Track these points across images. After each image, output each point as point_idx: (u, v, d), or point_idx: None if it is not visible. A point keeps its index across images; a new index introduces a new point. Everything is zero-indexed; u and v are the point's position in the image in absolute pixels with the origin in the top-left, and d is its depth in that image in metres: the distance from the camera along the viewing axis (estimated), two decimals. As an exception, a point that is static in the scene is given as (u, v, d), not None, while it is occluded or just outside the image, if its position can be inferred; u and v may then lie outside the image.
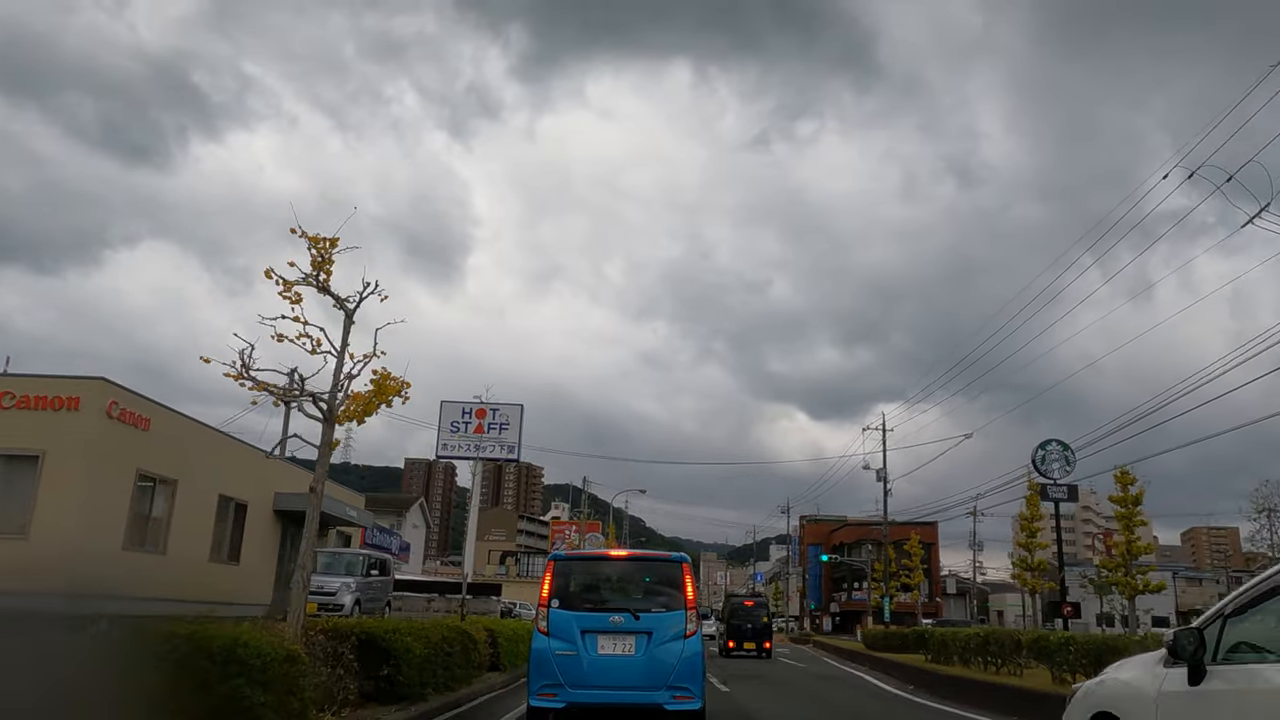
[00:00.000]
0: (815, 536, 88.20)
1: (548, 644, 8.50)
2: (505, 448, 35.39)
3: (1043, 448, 37.27)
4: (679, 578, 8.92)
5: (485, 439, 35.79)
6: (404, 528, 46.58)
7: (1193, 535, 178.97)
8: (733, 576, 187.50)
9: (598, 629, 8.49)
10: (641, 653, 8.41)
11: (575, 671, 8.34)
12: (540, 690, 8.44)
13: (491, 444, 35.96)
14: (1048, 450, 37.21)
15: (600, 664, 8.36)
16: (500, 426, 35.33)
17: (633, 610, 8.65)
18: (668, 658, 8.42)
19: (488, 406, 35.73)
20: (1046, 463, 37.09)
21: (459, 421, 35.43)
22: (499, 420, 35.42)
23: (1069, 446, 37.51)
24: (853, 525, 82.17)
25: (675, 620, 8.59)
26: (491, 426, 35.53)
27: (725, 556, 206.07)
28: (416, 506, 48.97)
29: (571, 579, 9.12)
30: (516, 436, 35.14)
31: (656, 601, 8.83)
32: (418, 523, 48.59)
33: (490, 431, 35.59)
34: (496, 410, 35.50)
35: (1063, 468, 36.53)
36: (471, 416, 35.49)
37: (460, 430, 35.60)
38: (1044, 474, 36.70)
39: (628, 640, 8.44)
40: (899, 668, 22.70)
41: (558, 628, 8.55)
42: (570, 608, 8.70)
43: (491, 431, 35.57)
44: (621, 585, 9.28)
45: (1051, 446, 37.42)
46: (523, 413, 35.38)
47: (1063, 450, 37.30)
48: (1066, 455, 37.30)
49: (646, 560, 9.82)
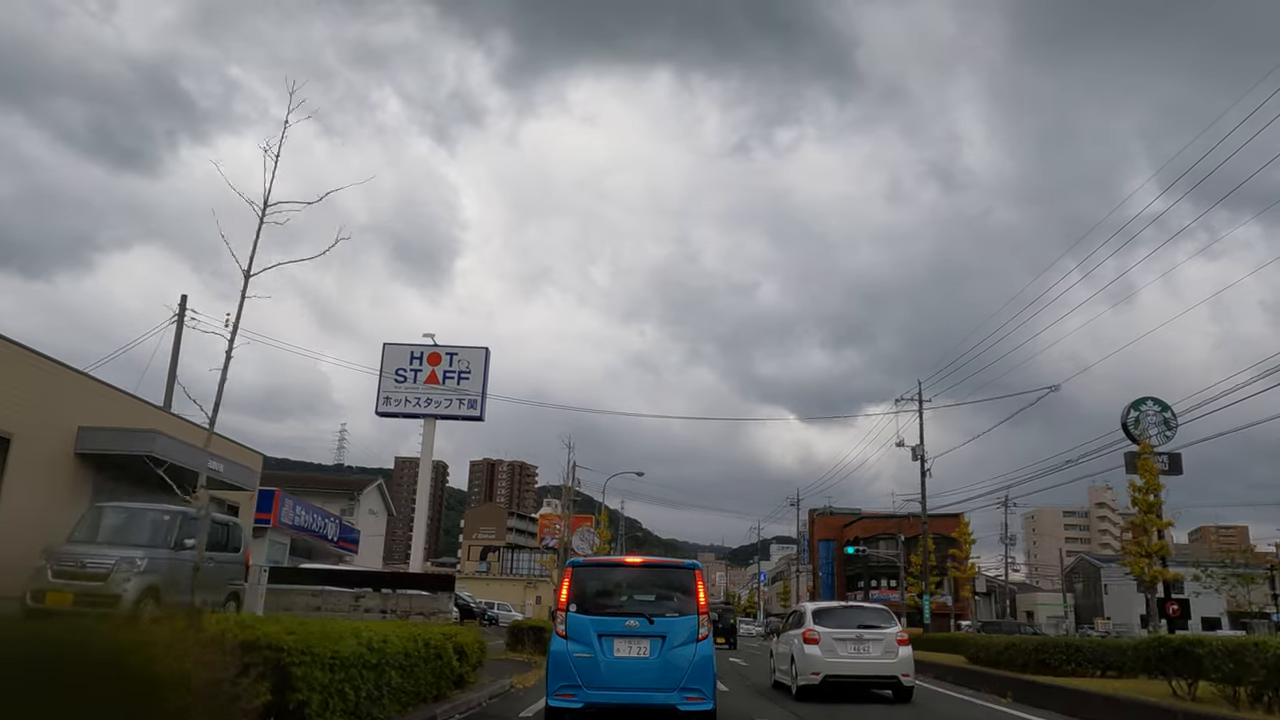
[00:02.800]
0: (827, 531, 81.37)
1: (566, 647, 8.73)
2: (466, 402, 28.39)
3: (1136, 407, 30.33)
4: (691, 584, 9.15)
5: (440, 392, 28.78)
6: (358, 514, 39.49)
7: (1201, 534, 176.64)
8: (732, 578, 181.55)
9: (614, 632, 8.77)
10: (655, 655, 8.67)
11: (592, 673, 8.60)
12: (559, 691, 8.64)
13: (448, 397, 28.94)
14: (1142, 411, 30.25)
15: (616, 666, 8.63)
16: (459, 375, 28.34)
17: (647, 615, 8.91)
18: (680, 660, 8.65)
19: (443, 350, 28.64)
20: (1140, 425, 30.10)
21: (406, 369, 28.42)
22: (457, 367, 28.42)
23: (1168, 406, 30.51)
24: (870, 518, 75.36)
25: (688, 624, 8.84)
26: (448, 375, 28.54)
27: (723, 558, 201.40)
28: (374, 489, 41.90)
29: (588, 584, 9.29)
30: (480, 388, 28.10)
31: (670, 607, 9.06)
32: (376, 508, 41.47)
33: (447, 381, 28.58)
34: (454, 355, 28.45)
35: (1161, 432, 29.54)
36: (423, 363, 28.51)
37: (408, 380, 28.61)
38: (1136, 439, 29.74)
39: (642, 643, 8.72)
40: (978, 676, 18.04)
41: (576, 631, 8.79)
42: (587, 612, 8.93)
43: (448, 381, 28.57)
44: (636, 591, 9.44)
45: (1147, 406, 30.40)
46: (488, 359, 28.46)
47: (1160, 410, 30.32)
48: (1166, 417, 30.28)
49: (660, 567, 10.10)
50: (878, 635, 13.91)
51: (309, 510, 28.40)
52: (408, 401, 26.11)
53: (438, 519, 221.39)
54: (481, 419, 26.16)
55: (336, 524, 31.91)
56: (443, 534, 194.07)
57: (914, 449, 43.74)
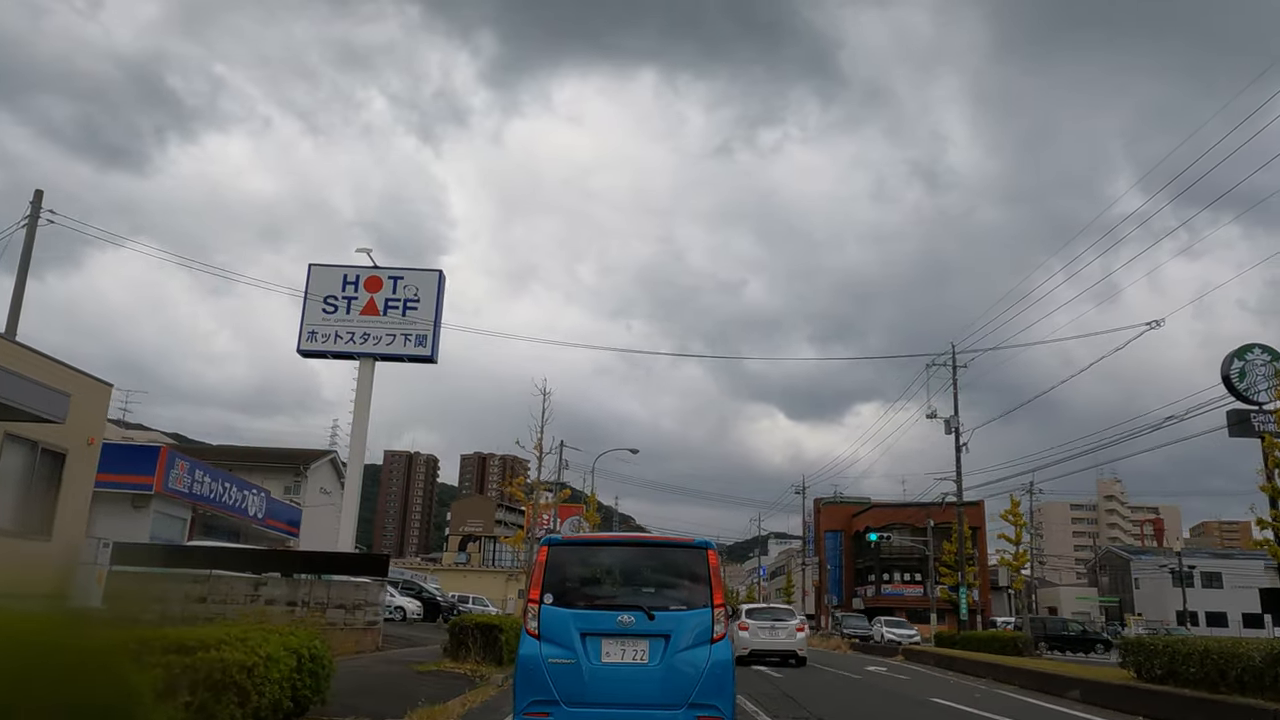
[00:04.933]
0: (834, 522, 76.08)
1: (539, 650, 6.73)
2: (413, 338, 22.80)
3: (1240, 356, 24.85)
4: (703, 568, 7.17)
5: (380, 325, 23.24)
6: (305, 492, 33.95)
7: (1204, 530, 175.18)
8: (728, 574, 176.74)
9: (602, 631, 6.81)
10: (657, 661, 6.74)
11: (573, 684, 6.64)
12: (529, 709, 6.66)
13: (390, 332, 23.36)
14: (1248, 360, 24.81)
15: (605, 675, 6.68)
16: (405, 304, 22.90)
17: (646, 608, 6.91)
18: (689, 668, 6.72)
19: (384, 274, 23.13)
20: (1246, 377, 24.72)
21: (338, 297, 22.86)
22: (403, 295, 22.82)
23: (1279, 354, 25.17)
24: (880, 507, 70.11)
25: (699, 620, 6.88)
26: (391, 305, 22.95)
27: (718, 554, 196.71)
28: (326, 464, 36.37)
29: (569, 569, 7.22)
30: (432, 320, 22.68)
31: (675, 597, 7.12)
32: (330, 487, 35.94)
33: (389, 312, 23.02)
34: (399, 280, 22.80)
35: (1272, 385, 24.23)
36: (358, 289, 22.88)
37: (339, 310, 23.13)
38: (1243, 394, 24.35)
39: (639, 645, 6.80)
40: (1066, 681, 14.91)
41: (551, 629, 6.80)
42: (568, 604, 6.93)
43: (391, 312, 22.97)
44: (631, 577, 7.35)
45: (1255, 354, 24.97)
46: (442, 285, 23.02)
47: (1271, 359, 24.94)
48: (1278, 366, 24.93)
49: (662, 546, 7.96)
50: (785, 625, 21.79)
51: (218, 478, 22.77)
52: (338, 337, 20.58)
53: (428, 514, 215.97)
54: (433, 359, 20.63)
55: (262, 499, 26.20)
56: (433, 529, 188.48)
57: (947, 420, 38.43)
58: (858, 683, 17.80)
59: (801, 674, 19.04)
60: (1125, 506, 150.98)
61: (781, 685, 15.51)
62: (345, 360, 20.89)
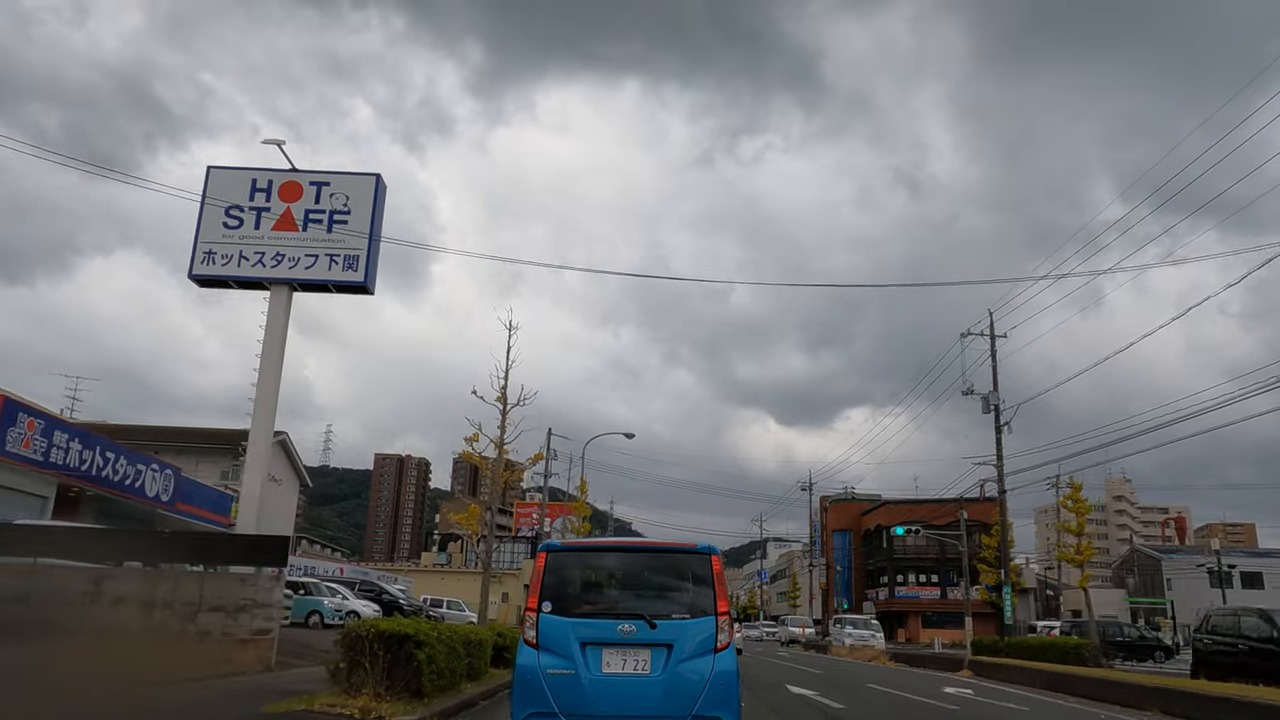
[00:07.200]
0: (841, 521, 71.49)
1: (537, 660, 6.50)
2: (342, 259, 17.95)
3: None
4: (707, 574, 6.92)
5: (299, 242, 18.43)
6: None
7: (1208, 531, 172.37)
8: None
9: (602, 640, 6.57)
10: (659, 672, 6.47)
11: (572, 696, 6.40)
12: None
13: (311, 252, 18.52)
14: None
15: (605, 686, 6.44)
16: (331, 217, 18.16)
17: (647, 616, 6.63)
18: (693, 678, 6.46)
19: (305, 178, 18.37)
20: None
21: (244, 208, 18.10)
22: (329, 205, 18.05)
23: None
24: (893, 504, 65.56)
25: (703, 629, 6.62)
26: (314, 218, 18.07)
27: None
28: (275, 446, 31.62)
29: (568, 575, 6.99)
30: (367, 237, 18.00)
31: (678, 605, 6.83)
32: (279, 474, 31.21)
33: (311, 227, 18.18)
34: (323, 186, 17.95)
35: None
36: (271, 197, 18.00)
37: (246, 223, 18.35)
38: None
39: (641, 655, 6.55)
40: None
41: (551, 639, 6.58)
42: (567, 613, 6.71)
43: (313, 227, 18.11)
44: (632, 584, 7.11)
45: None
46: (380, 193, 18.30)
47: None
48: None
49: (663, 551, 7.44)
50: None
51: (95, 445, 17.93)
52: (243, 259, 15.86)
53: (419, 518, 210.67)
54: (369, 289, 15.97)
55: (170, 478, 21.31)
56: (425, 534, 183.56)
57: (985, 397, 33.91)
58: (955, 714, 13.17)
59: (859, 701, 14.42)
60: (1135, 506, 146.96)
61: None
62: (253, 290, 16.24)
